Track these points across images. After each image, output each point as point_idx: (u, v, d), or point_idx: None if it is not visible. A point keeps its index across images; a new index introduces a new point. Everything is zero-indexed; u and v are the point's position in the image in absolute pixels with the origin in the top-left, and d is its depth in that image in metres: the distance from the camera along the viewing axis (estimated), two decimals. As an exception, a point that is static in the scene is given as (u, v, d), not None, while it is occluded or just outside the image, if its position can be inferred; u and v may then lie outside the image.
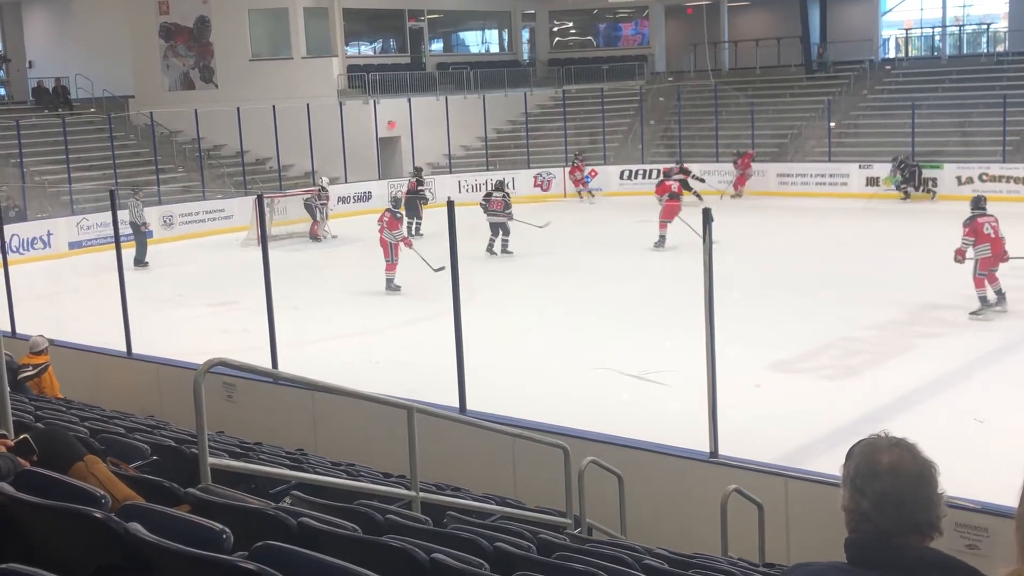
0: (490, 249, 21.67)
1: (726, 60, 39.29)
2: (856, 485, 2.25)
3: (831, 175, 29.67)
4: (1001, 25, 37.64)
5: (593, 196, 30.99)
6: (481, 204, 22.29)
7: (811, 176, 29.23)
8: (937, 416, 10.68)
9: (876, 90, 33.97)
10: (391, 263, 18.30)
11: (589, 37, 42.52)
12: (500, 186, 23.39)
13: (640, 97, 35.39)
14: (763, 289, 16.99)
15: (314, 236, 25.45)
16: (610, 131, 34.38)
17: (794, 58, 36.96)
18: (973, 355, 13.16)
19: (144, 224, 22.71)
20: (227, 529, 3.10)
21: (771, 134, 32.52)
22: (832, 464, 8.72)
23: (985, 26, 38.26)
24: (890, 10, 39.04)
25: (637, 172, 32.29)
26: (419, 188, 25.79)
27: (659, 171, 31.81)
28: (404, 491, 6.19)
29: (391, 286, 18.16)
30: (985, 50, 36.95)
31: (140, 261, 21.76)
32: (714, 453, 8.14)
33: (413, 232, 23.20)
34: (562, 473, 7.60)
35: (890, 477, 2.21)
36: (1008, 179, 27.36)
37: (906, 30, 39.44)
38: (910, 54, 38.44)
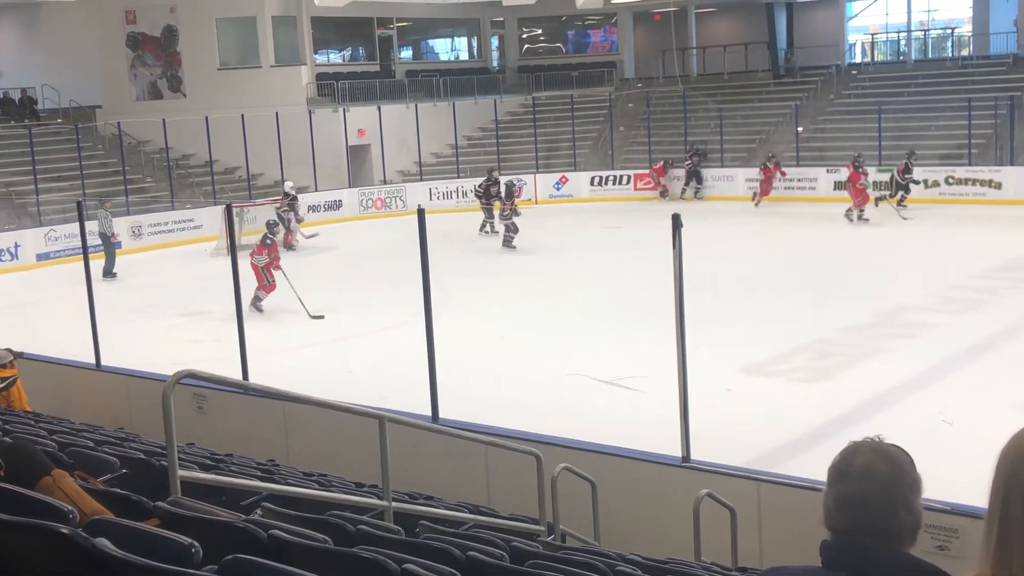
0: (483, 229, 24.17)
1: (694, 66, 39.47)
2: (829, 481, 2.26)
3: (799, 179, 29.83)
4: (965, 29, 38.05)
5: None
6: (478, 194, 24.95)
7: (779, 180, 29.36)
8: (907, 418, 10.74)
9: (843, 95, 34.23)
10: (265, 285, 17.65)
11: (558, 44, 42.61)
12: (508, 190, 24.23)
13: (609, 103, 35.50)
14: (734, 292, 17.07)
15: (287, 246, 25.22)
16: (580, 137, 34.46)
17: (762, 63, 37.21)
18: (942, 357, 13.26)
19: (113, 235, 22.54)
20: (196, 543, 3.08)
21: (740, 139, 32.70)
22: (804, 467, 8.79)
23: (950, 31, 38.66)
24: (856, 15, 39.37)
25: (607, 178, 32.40)
26: (491, 187, 25.36)
27: (630, 177, 32.09)
28: (376, 501, 6.17)
29: (256, 305, 17.36)
30: (950, 54, 37.34)
31: (109, 272, 21.60)
32: (686, 458, 8.15)
33: (488, 230, 24.75)
34: (535, 480, 7.60)
35: (857, 479, 2.21)
36: (974, 182, 27.63)
37: (872, 35, 39.80)
38: (876, 59, 38.78)
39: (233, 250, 11.76)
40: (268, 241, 18.14)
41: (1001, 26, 35.24)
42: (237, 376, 10.42)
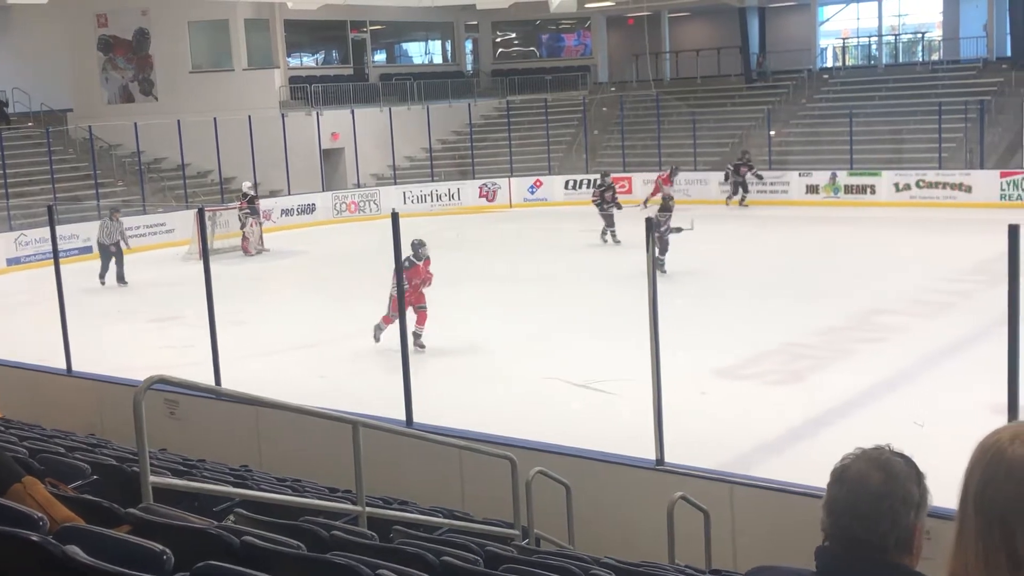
0: (603, 236, 23.33)
1: (668, 70, 39.64)
2: (827, 485, 2.26)
3: (772, 183, 30.00)
4: (936, 34, 38.36)
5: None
6: (595, 201, 24.04)
7: (752, 184, 29.51)
8: (879, 420, 10.82)
9: (815, 99, 34.45)
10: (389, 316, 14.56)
11: (532, 48, 42.69)
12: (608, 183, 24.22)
13: (583, 107, 35.58)
14: (707, 296, 17.14)
15: (244, 251, 25.00)
16: (554, 141, 34.52)
17: (734, 68, 37.40)
18: (914, 360, 13.36)
19: (115, 243, 21.94)
20: (167, 550, 3.06)
21: (712, 143, 32.84)
22: (776, 470, 8.84)
23: (920, 35, 38.96)
24: (827, 20, 39.62)
25: (582, 182, 32.43)
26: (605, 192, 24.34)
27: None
28: (350, 506, 6.16)
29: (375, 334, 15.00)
30: (920, 59, 37.64)
31: (121, 279, 21.33)
32: (660, 461, 8.18)
33: (610, 239, 23.65)
34: (509, 484, 7.60)
35: (849, 487, 2.20)
36: (944, 185, 27.87)
37: (843, 39, 40.06)
38: (847, 63, 39.04)
39: (205, 254, 11.71)
40: (405, 264, 14.15)
41: (971, 31, 35.57)
42: (210, 381, 10.37)
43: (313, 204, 30.31)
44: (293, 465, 9.10)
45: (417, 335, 14.40)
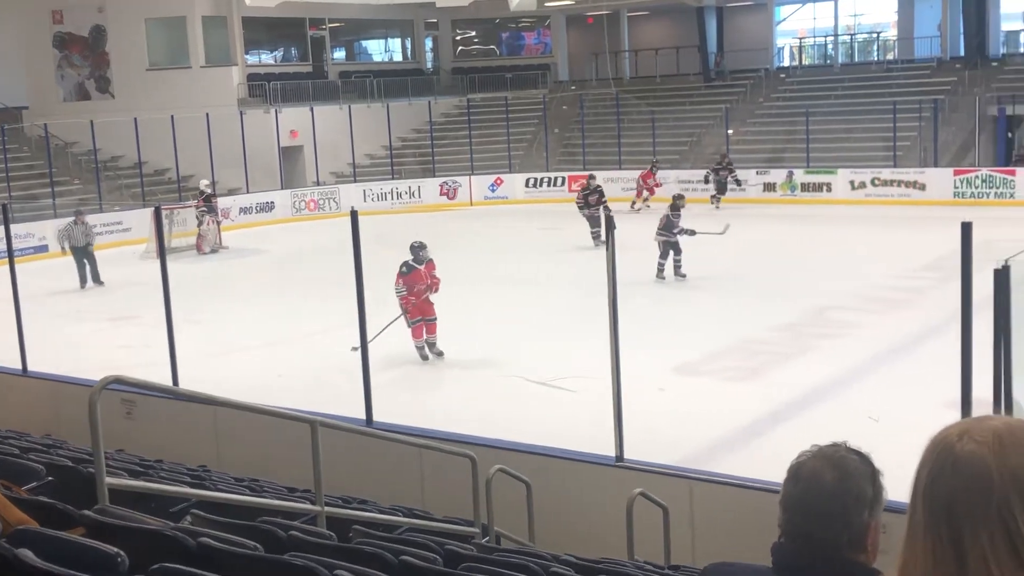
0: (596, 240, 22.30)
1: (627, 69, 39.78)
2: (784, 480, 2.27)
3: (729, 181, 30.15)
4: (891, 34, 38.79)
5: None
6: (578, 203, 23.39)
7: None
8: (834, 415, 10.92)
9: (772, 98, 34.72)
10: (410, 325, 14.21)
11: (492, 46, 42.67)
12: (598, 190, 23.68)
13: (544, 106, 35.62)
14: (666, 294, 17.23)
15: (198, 249, 24.78)
16: (515, 139, 34.53)
17: (693, 67, 37.61)
18: (868, 355, 13.50)
19: (88, 244, 21.59)
20: (122, 552, 3.03)
21: (671, 141, 33.01)
22: (735, 465, 8.89)
23: (875, 35, 39.38)
24: (784, 19, 39.93)
25: (542, 180, 32.50)
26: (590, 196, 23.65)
27: (565, 179, 32.20)
28: (309, 506, 6.13)
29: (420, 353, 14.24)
30: (876, 58, 38.06)
31: (97, 279, 20.99)
32: (620, 457, 8.21)
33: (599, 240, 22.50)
34: (470, 482, 7.60)
35: (804, 484, 2.21)
36: (899, 183, 28.20)
37: (800, 39, 40.40)
38: (804, 62, 39.41)
39: (162, 253, 11.61)
40: (404, 269, 14.10)
41: (925, 30, 36.01)
42: (167, 381, 10.29)
43: (272, 202, 30.13)
44: (252, 465, 9.04)
45: (432, 344, 14.04)
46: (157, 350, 11.61)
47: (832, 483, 2.18)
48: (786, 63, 39.08)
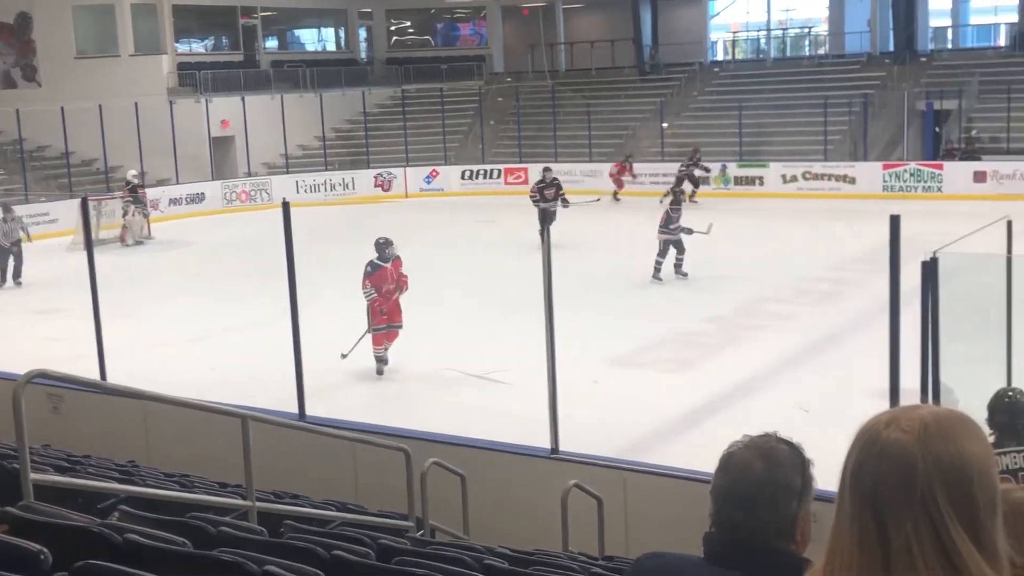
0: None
1: (563, 61, 39.86)
2: (715, 471, 2.28)
3: (665, 174, 30.31)
4: (822, 28, 39.34)
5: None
6: (532, 197, 22.33)
7: (646, 176, 29.83)
8: (766, 406, 11.06)
9: (706, 91, 35.01)
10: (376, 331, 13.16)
11: (427, 37, 42.51)
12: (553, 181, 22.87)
13: (479, 97, 35.56)
14: (602, 286, 17.29)
15: (121, 240, 24.35)
16: (450, 131, 34.43)
17: (628, 60, 37.78)
18: (800, 346, 13.70)
19: (15, 242, 21.04)
20: (45, 549, 2.96)
21: (607, 134, 33.13)
22: (667, 456, 8.95)
23: (807, 30, 39.91)
24: (718, 14, 40.30)
25: (478, 172, 32.46)
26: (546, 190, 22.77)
27: (501, 171, 32.20)
28: (240, 501, 6.05)
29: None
30: (807, 53, 38.57)
31: (16, 277, 20.37)
32: (555, 450, 8.23)
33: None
34: (404, 476, 7.56)
35: (733, 475, 2.23)
36: (830, 176, 28.62)
37: (733, 33, 40.82)
38: (737, 56, 39.81)
39: (89, 245, 11.40)
40: (369, 269, 13.08)
41: (856, 26, 36.57)
42: (95, 375, 10.10)
43: (202, 193, 29.71)
44: (182, 461, 8.91)
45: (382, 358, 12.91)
46: (85, 343, 11.40)
47: (761, 473, 2.20)
48: (720, 57, 39.44)
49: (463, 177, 32.51)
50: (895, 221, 6.57)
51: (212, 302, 17.59)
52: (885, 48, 34.87)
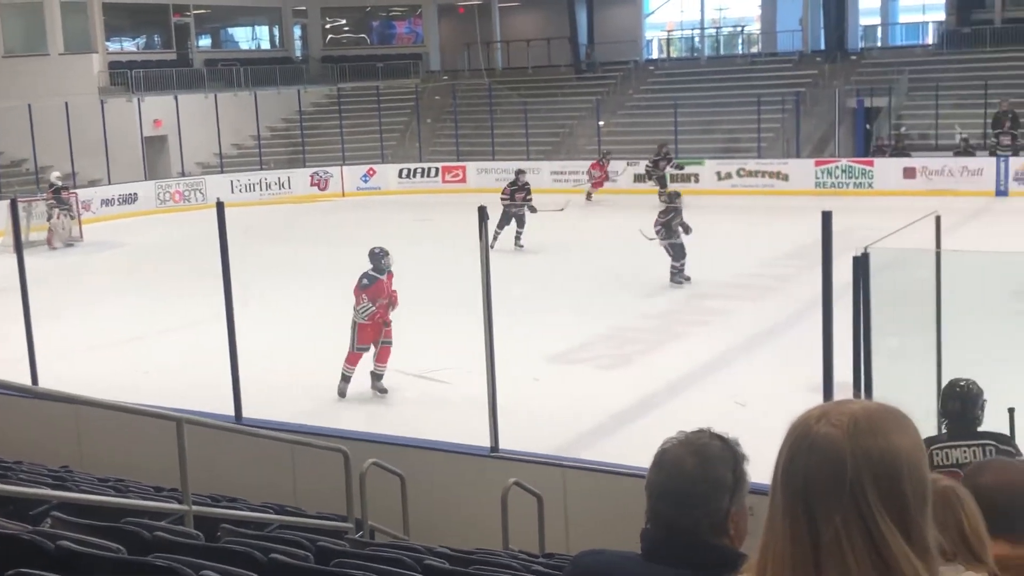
0: (517, 242, 21.27)
1: (499, 60, 39.88)
2: (649, 467, 2.29)
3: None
4: (755, 27, 39.81)
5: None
6: (503, 199, 21.73)
7: (583, 173, 29.96)
8: (703, 401, 11.17)
9: (641, 90, 35.25)
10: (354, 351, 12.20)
11: (363, 35, 42.26)
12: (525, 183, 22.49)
13: (416, 96, 35.46)
14: (540, 283, 17.34)
15: (48, 243, 23.91)
16: (387, 129, 34.28)
17: (564, 58, 37.92)
18: (735, 341, 13.84)
19: None
20: (-27, 560, 2.89)
21: (544, 133, 33.22)
22: (607, 452, 9.00)
23: (740, 28, 40.36)
24: (652, 12, 40.59)
25: (415, 170, 32.36)
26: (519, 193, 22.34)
27: (438, 169, 32.12)
28: (176, 505, 5.98)
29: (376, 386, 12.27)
30: (740, 51, 39.00)
31: None
32: (495, 448, 8.24)
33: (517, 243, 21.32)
34: (343, 477, 7.52)
35: (666, 471, 2.25)
36: (763, 174, 28.95)
37: (668, 32, 41.14)
38: (672, 55, 40.14)
39: (19, 248, 11.18)
40: (365, 282, 12.11)
41: (788, 24, 37.05)
42: (26, 379, 9.91)
43: (135, 193, 29.25)
44: (117, 465, 8.78)
45: (379, 376, 11.97)
46: (15, 347, 11.18)
47: (693, 470, 2.22)
48: (655, 55, 39.72)
49: (400, 176, 32.39)
50: (827, 217, 6.67)
51: (146, 303, 17.32)
52: (816, 46, 35.36)
